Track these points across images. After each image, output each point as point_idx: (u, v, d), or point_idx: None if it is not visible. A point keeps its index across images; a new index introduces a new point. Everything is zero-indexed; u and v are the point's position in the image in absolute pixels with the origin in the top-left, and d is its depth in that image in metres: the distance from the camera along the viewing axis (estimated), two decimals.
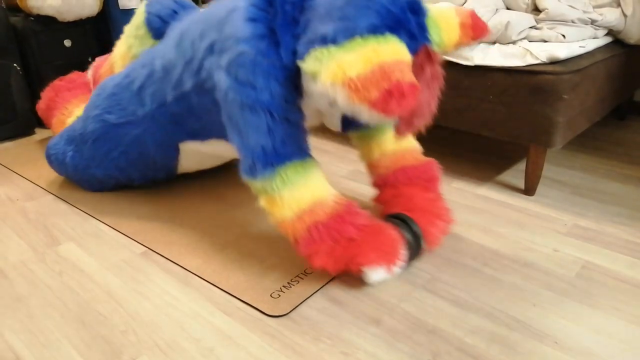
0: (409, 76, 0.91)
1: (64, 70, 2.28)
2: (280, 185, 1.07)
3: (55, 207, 1.53)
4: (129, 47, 1.58)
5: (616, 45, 1.63)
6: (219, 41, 1.12)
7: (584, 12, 1.51)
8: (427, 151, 1.86)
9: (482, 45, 1.48)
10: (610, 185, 1.59)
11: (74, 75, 2.00)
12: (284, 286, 1.12)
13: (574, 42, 1.44)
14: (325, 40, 0.95)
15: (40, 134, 2.16)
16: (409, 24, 0.98)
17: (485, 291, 1.10)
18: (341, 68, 0.91)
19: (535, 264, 1.19)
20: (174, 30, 1.33)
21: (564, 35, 1.42)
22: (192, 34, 1.22)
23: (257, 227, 1.37)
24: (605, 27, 1.57)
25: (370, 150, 1.33)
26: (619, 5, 1.61)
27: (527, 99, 1.40)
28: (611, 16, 1.55)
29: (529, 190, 1.54)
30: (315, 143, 1.99)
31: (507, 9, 1.53)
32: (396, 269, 1.10)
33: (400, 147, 1.32)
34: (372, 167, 1.35)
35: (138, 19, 1.56)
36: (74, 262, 1.25)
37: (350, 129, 1.19)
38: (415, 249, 1.16)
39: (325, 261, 1.08)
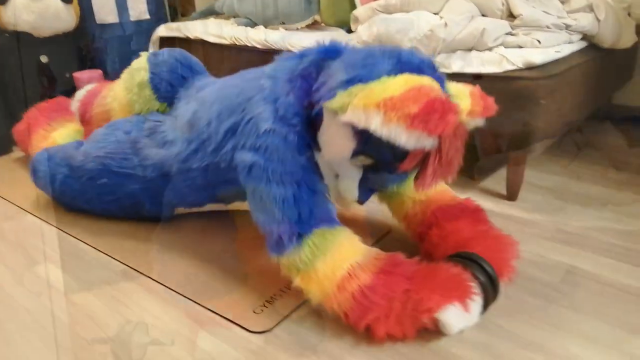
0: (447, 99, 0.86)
1: (41, 87, 2.26)
2: (311, 257, 0.97)
3: (33, 227, 1.50)
4: (131, 103, 1.51)
5: (591, 50, 1.64)
6: (242, 123, 1.09)
7: (558, 17, 1.53)
8: None
9: (459, 52, 1.48)
10: (593, 189, 1.60)
11: (60, 99, 2.00)
12: (267, 301, 1.11)
13: (550, 48, 1.45)
14: (351, 81, 0.91)
15: (17, 152, 2.12)
16: (429, 74, 0.94)
17: None
18: (373, 92, 0.86)
19: (520, 271, 1.19)
20: (187, 106, 1.34)
21: (539, 41, 1.43)
22: (209, 115, 1.20)
23: (238, 243, 1.36)
24: (579, 32, 1.59)
25: (403, 203, 1.23)
26: (592, 10, 1.63)
27: (505, 105, 1.40)
28: (585, 21, 1.57)
29: (511, 196, 1.54)
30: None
31: (482, 15, 1.54)
32: (474, 307, 0.94)
33: (434, 190, 1.22)
34: (408, 218, 1.23)
35: (140, 76, 1.49)
36: (53, 283, 1.22)
37: (368, 195, 1.11)
38: (491, 289, 0.99)
39: (387, 326, 0.94)
